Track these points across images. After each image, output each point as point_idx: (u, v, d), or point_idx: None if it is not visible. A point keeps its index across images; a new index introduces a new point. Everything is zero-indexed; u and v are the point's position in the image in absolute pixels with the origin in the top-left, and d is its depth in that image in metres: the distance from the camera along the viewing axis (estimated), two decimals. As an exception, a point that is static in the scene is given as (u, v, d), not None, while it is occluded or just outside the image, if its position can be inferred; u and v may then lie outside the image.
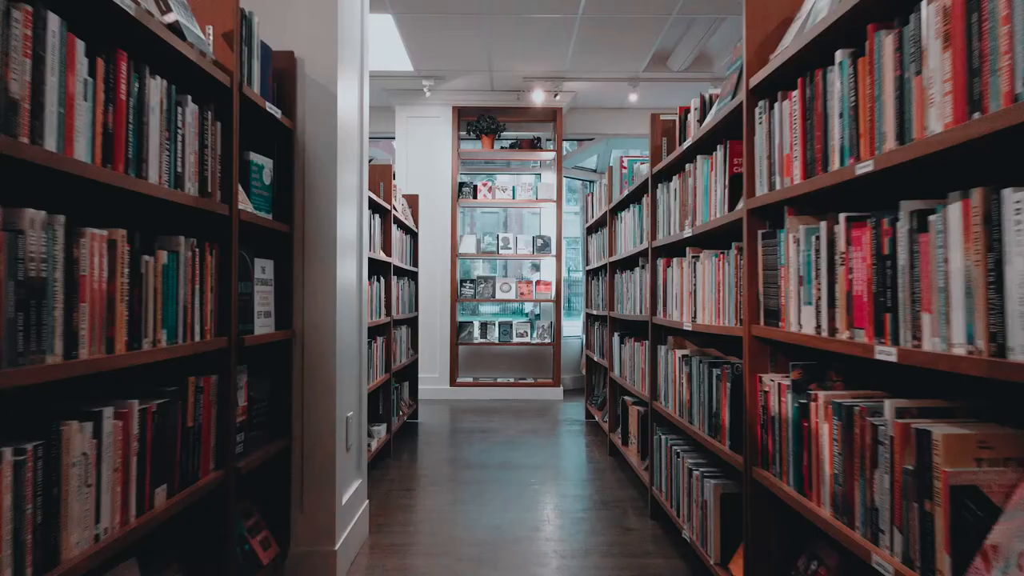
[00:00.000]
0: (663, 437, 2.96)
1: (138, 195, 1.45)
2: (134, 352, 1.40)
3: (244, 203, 2.03)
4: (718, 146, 2.26)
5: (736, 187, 2.13)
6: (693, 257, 2.54)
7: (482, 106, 6.90)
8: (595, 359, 5.20)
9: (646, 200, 3.43)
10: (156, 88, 1.51)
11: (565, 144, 7.57)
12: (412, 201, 5.72)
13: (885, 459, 1.25)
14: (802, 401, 1.61)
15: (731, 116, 2.11)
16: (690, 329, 2.49)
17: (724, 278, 2.18)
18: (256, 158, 2.19)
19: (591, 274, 5.66)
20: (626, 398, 4.09)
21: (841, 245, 1.42)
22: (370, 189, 4.20)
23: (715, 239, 2.49)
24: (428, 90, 6.52)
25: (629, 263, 4.10)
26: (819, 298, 1.51)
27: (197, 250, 1.71)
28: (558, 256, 6.85)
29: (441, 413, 5.95)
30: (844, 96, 1.41)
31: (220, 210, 1.82)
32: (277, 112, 2.20)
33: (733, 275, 2.09)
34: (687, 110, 2.94)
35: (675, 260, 2.81)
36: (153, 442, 1.50)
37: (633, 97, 6.60)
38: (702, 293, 2.43)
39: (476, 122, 6.86)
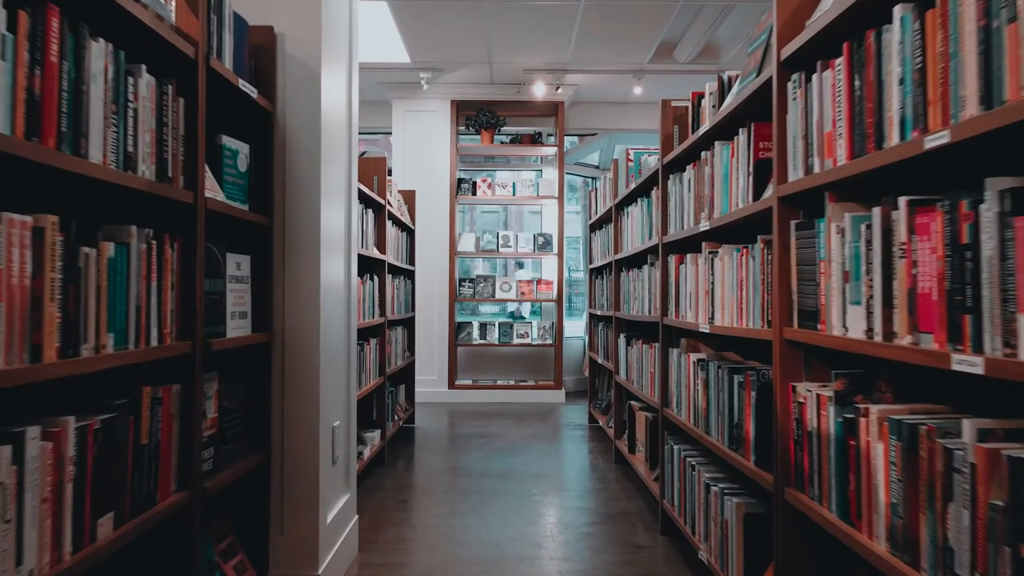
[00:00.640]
0: (675, 447, 2.75)
1: (76, 177, 1.23)
2: (69, 360, 1.19)
3: (213, 191, 1.82)
4: (740, 130, 2.05)
5: (762, 173, 1.92)
6: (710, 253, 2.33)
7: (481, 100, 6.69)
8: (599, 361, 4.99)
9: (655, 194, 3.22)
10: (99, 52, 1.29)
11: (566, 140, 7.36)
12: (408, 197, 5.51)
13: (963, 491, 1.04)
14: (848, 416, 1.40)
15: (757, 95, 1.90)
16: (707, 331, 2.28)
17: (748, 275, 1.96)
18: (230, 142, 1.97)
19: (595, 273, 5.44)
20: (633, 403, 3.88)
21: (901, 234, 1.20)
22: (362, 182, 3.99)
23: (736, 233, 2.27)
24: (426, 83, 6.31)
25: (636, 261, 3.89)
26: (871, 297, 1.30)
27: (154, 242, 1.50)
28: (560, 254, 6.63)
29: (439, 417, 5.74)
30: (907, 58, 1.19)
31: (183, 197, 1.61)
32: (253, 91, 1.99)
33: (759, 272, 1.87)
34: (700, 95, 2.74)
35: (689, 257, 2.60)
36: (96, 464, 1.28)
37: (638, 90, 6.39)
38: (721, 292, 2.22)
39: (475, 116, 6.65)
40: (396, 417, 4.73)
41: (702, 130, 2.35)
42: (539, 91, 6.40)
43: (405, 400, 5.28)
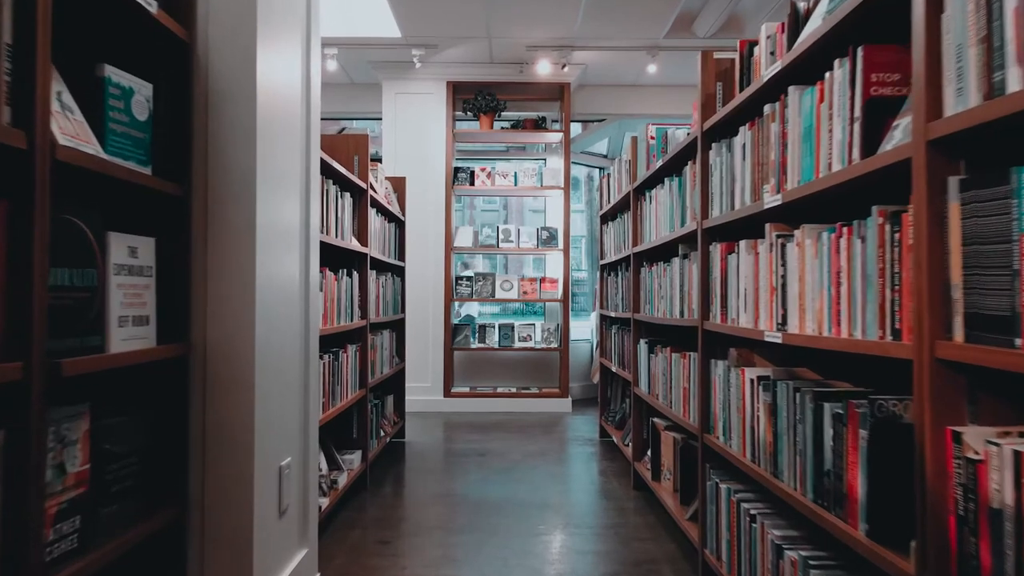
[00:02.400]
0: (723, 486, 2.17)
1: None
2: None
3: (80, 139, 1.24)
4: (835, 64, 1.47)
5: (878, 117, 1.34)
6: (779, 237, 1.75)
7: (480, 81, 6.11)
8: (613, 369, 4.41)
9: (689, 170, 2.64)
10: None
11: (572, 127, 6.77)
12: (398, 184, 4.93)
13: None
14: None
15: (868, 4, 1.32)
16: (777, 341, 1.70)
17: (853, 264, 1.39)
18: (120, 77, 1.40)
19: (606, 269, 4.87)
20: (657, 421, 3.30)
21: None
22: (341, 162, 3.41)
23: (823, 208, 1.70)
24: (418, 60, 5.73)
25: (662, 253, 3.31)
26: None
27: (-61, 205, 0.92)
28: (565, 250, 6.05)
29: (433, 429, 5.16)
30: None
31: (8, 139, 1.03)
32: (151, 4, 1.41)
33: (875, 258, 1.30)
34: (752, 43, 2.17)
35: (743, 244, 2.02)
36: None
37: (652, 68, 5.80)
38: (798, 289, 1.64)
39: (473, 100, 6.07)
40: (382, 433, 4.16)
41: (770, 72, 1.77)
42: (543, 70, 5.82)
43: (394, 412, 4.70)
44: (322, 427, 3.12)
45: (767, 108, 1.85)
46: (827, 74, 1.50)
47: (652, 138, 3.53)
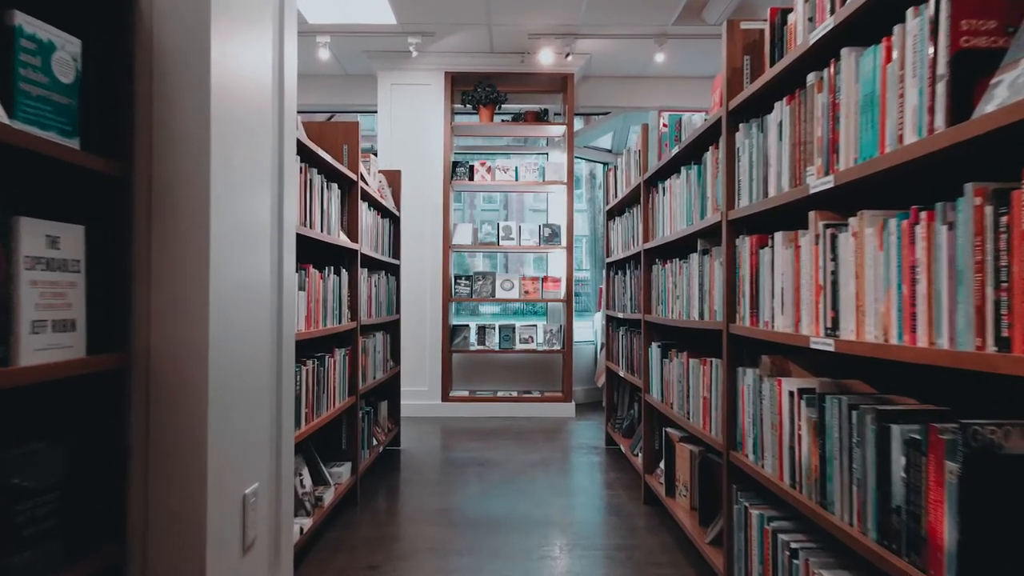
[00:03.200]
0: (754, 511, 1.91)
1: None
2: None
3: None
4: (908, 14, 1.21)
5: (968, 73, 1.08)
6: (828, 227, 1.49)
7: (480, 71, 5.85)
8: (620, 374, 4.15)
9: (711, 156, 2.38)
10: None
11: (575, 120, 6.50)
12: (393, 178, 4.67)
13: None
14: None
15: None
16: (828, 349, 1.44)
17: (936, 256, 1.13)
18: (36, 27, 1.14)
19: (613, 267, 4.61)
20: (671, 431, 3.04)
21: None
22: (329, 151, 3.16)
23: (885, 191, 1.44)
24: (415, 49, 5.47)
25: (677, 249, 3.06)
26: None
27: None
28: (569, 248, 5.79)
29: (430, 436, 4.90)
30: None
31: None
32: (74, -61, 1.15)
33: (969, 249, 1.04)
34: (785, 10, 1.92)
35: (778, 237, 1.76)
36: None
37: (660, 57, 5.54)
38: (855, 287, 1.38)
39: (473, 91, 5.81)
40: (375, 442, 3.90)
41: (818, 33, 1.51)
42: (546, 59, 5.56)
43: (388, 418, 4.45)
44: (308, 438, 2.87)
45: (811, 77, 1.60)
46: (896, 27, 1.25)
47: (665, 126, 3.27)
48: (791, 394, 1.68)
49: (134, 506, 1.33)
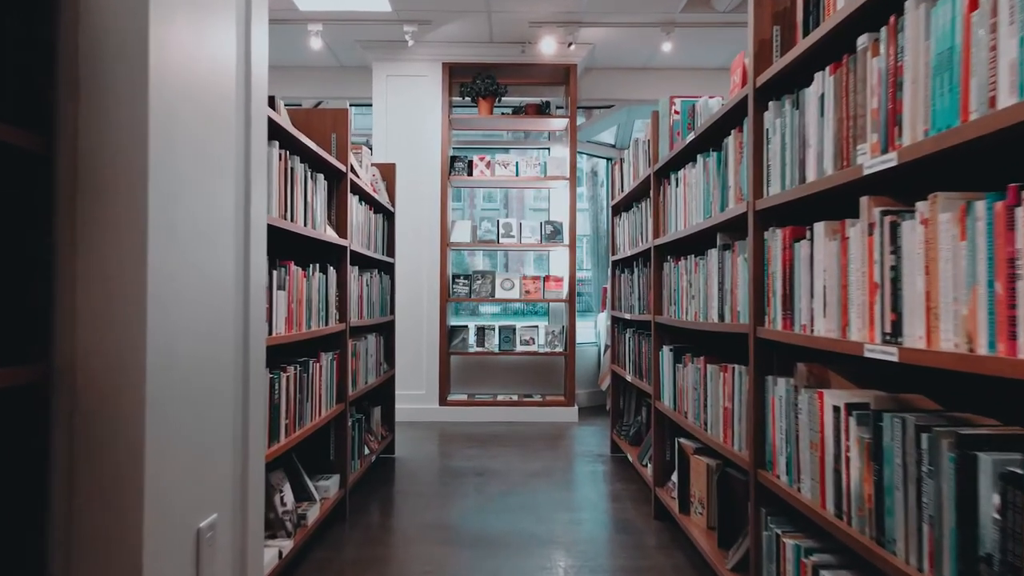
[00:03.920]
0: (788, 541, 1.68)
1: None
2: None
3: None
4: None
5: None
6: (888, 213, 1.26)
7: (479, 62, 5.61)
8: (628, 379, 3.92)
9: (733, 141, 2.15)
10: None
11: (576, 114, 6.26)
12: (387, 172, 4.44)
13: None
14: None
15: None
16: (891, 359, 1.21)
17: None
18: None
19: (619, 266, 4.38)
20: (684, 442, 2.81)
21: None
22: (315, 140, 2.93)
23: (962, 169, 1.21)
24: (411, 38, 5.23)
25: (691, 244, 2.83)
26: None
27: None
28: (571, 245, 5.56)
29: (427, 442, 4.67)
30: None
31: None
32: None
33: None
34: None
35: (819, 227, 1.53)
36: None
37: (667, 47, 5.30)
38: (928, 284, 1.15)
39: (471, 83, 5.58)
40: (366, 451, 3.67)
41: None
42: (548, 49, 5.32)
43: (382, 425, 4.21)
44: (290, 451, 2.64)
45: (863, 40, 1.36)
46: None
47: (677, 113, 3.04)
48: (836, 409, 1.45)
49: (55, 550, 1.10)
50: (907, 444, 1.20)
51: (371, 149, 5.58)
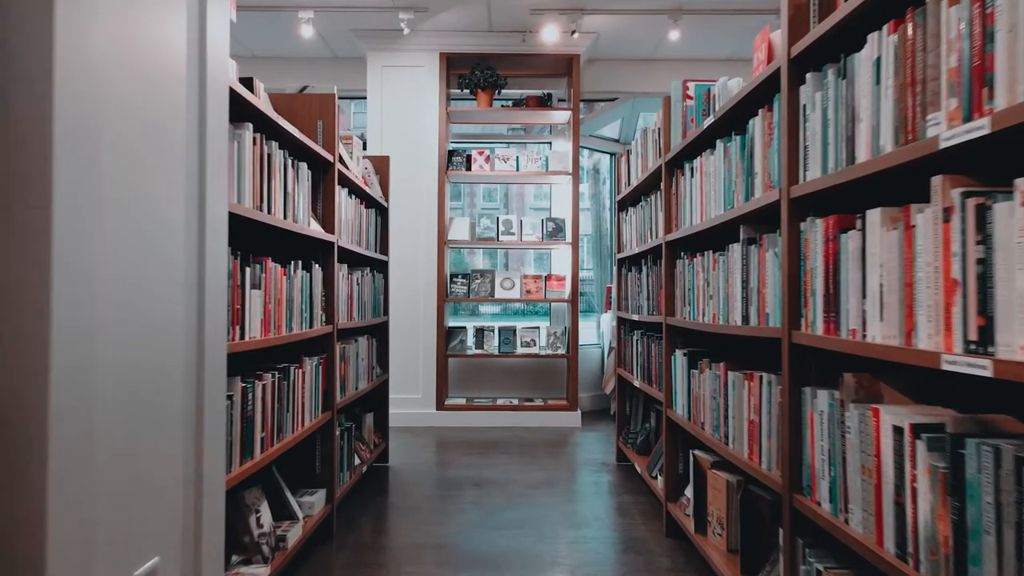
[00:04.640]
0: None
1: None
2: None
3: None
4: None
5: None
6: (970, 195, 1.03)
7: (477, 52, 5.38)
8: (636, 384, 3.69)
9: (760, 122, 1.92)
10: None
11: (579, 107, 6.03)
12: (381, 164, 4.21)
13: None
14: None
15: None
16: (982, 373, 0.98)
17: None
18: None
19: (625, 264, 4.15)
20: (699, 454, 2.58)
21: None
22: (300, 127, 2.70)
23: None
24: (407, 26, 5.00)
25: (708, 240, 2.60)
26: None
27: None
28: (574, 243, 5.33)
29: (423, 449, 4.44)
30: None
31: None
32: None
33: None
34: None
35: (874, 214, 1.30)
36: None
37: (675, 35, 5.07)
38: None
39: (470, 74, 5.34)
40: (357, 461, 3.44)
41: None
42: (550, 37, 5.09)
43: (374, 432, 3.98)
44: (269, 466, 2.41)
45: (936, -13, 1.13)
46: None
47: (690, 98, 2.81)
48: (898, 430, 1.22)
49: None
50: (1002, 479, 0.97)
51: (365, 143, 5.36)
